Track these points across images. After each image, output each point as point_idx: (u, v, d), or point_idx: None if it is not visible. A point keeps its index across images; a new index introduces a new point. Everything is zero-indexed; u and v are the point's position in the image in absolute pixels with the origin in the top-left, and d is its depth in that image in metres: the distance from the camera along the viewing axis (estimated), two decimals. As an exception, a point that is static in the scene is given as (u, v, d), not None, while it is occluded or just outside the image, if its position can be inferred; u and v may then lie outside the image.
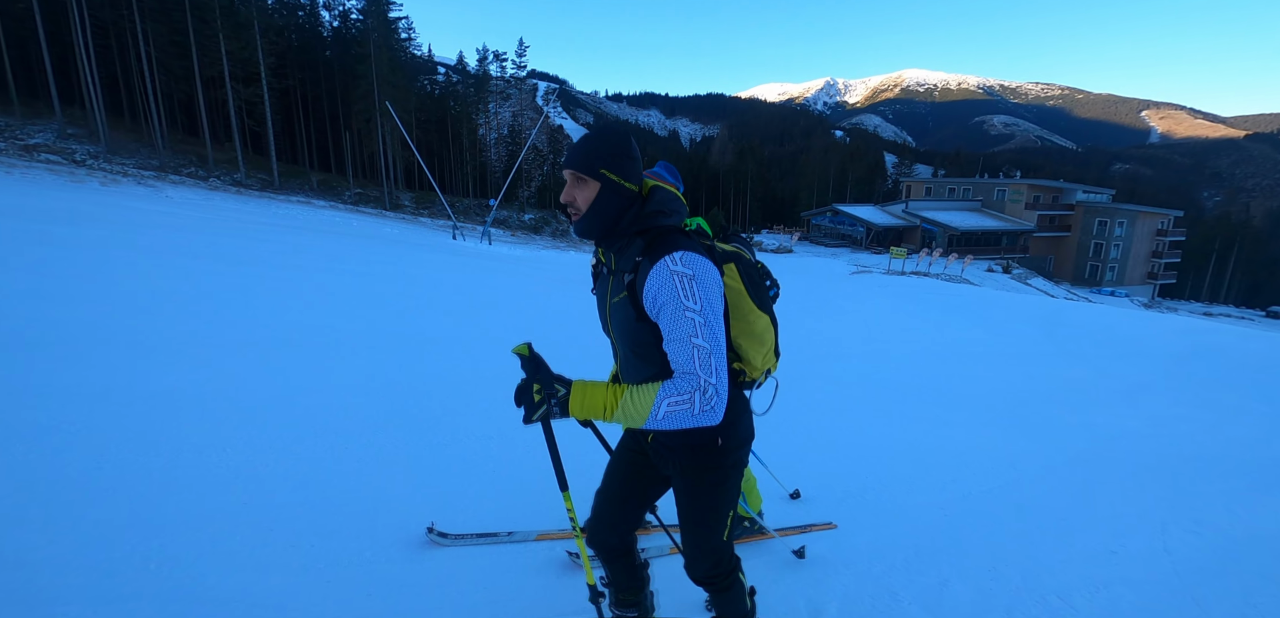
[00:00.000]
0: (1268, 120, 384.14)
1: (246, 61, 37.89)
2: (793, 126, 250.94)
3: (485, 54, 55.31)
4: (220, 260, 9.27)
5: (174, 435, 3.24)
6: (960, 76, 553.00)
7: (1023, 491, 4.14)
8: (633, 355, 1.68)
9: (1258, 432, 6.65)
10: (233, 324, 5.66)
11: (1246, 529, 3.79)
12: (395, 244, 17.69)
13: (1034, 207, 54.21)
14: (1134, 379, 9.21)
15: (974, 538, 3.34)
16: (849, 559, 2.98)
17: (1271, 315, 53.39)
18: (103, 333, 4.65)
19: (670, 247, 1.53)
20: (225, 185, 34.87)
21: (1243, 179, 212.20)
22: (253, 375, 4.36)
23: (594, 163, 1.57)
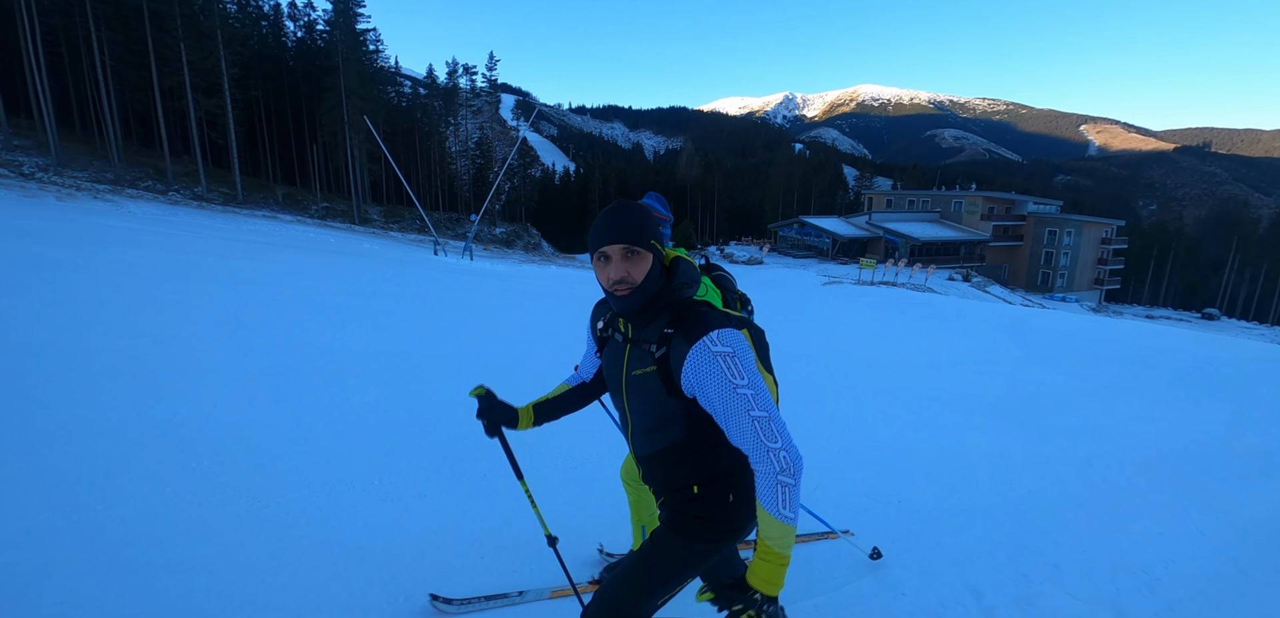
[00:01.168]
0: (1193, 134, 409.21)
1: (208, 72, 36.83)
2: (754, 139, 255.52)
3: (455, 67, 54.92)
4: (217, 280, 9.19)
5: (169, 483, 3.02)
6: (912, 92, 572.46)
7: (1059, 486, 4.60)
8: (651, 427, 1.67)
9: (1224, 427, 7.31)
10: (248, 349, 5.71)
11: (1251, 512, 4.32)
12: (384, 262, 17.55)
13: (989, 217, 56.69)
14: (1106, 381, 9.92)
15: (1039, 530, 3.77)
16: (932, 564, 3.30)
17: (1207, 316, 56.97)
18: (101, 366, 4.43)
19: (706, 325, 1.50)
20: (186, 199, 33.76)
21: (1174, 189, 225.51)
22: (263, 408, 4.21)
23: (647, 235, 1.55)
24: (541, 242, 53.09)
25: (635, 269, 1.54)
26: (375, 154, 45.92)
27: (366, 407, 4.51)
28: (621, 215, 1.55)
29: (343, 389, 4.82)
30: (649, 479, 1.80)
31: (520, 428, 1.96)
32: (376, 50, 47.47)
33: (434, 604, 2.48)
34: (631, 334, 1.66)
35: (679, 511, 1.72)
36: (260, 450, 3.48)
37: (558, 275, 21.93)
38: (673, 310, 1.59)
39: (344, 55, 40.74)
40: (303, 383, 4.82)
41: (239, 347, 5.59)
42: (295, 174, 48.57)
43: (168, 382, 4.29)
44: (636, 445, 1.76)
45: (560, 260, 41.40)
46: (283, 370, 5.13)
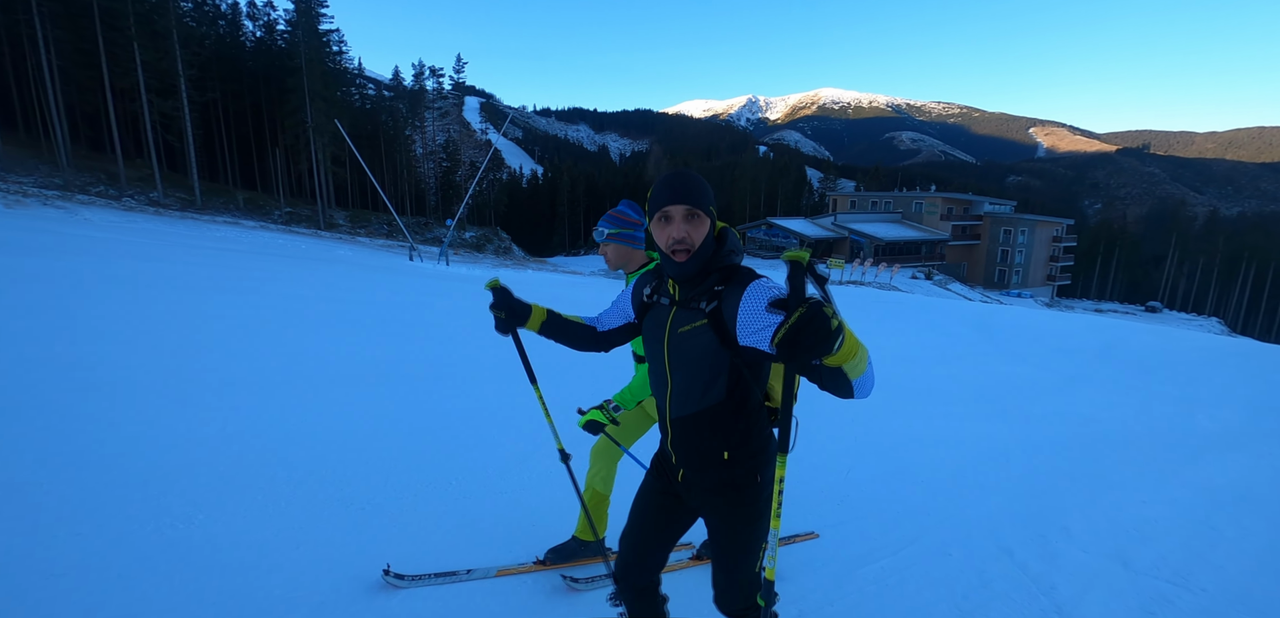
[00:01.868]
0: (1133, 136, 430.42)
1: (164, 73, 35.55)
2: (719, 142, 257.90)
3: (421, 69, 54.16)
4: (194, 289, 9.06)
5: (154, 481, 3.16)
6: (871, 95, 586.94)
7: (1048, 465, 5.03)
8: (692, 386, 1.75)
9: (1177, 411, 7.91)
10: (252, 359, 5.75)
11: (1213, 482, 4.82)
12: (360, 268, 17.34)
13: (948, 218, 58.73)
14: (1069, 372, 10.53)
15: (1043, 501, 4.21)
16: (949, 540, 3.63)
17: (1150, 309, 60.13)
18: (90, 379, 4.43)
19: (756, 275, 1.63)
20: (141, 205, 32.52)
21: (1116, 189, 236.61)
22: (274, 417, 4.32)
23: (707, 200, 1.66)
24: (512, 245, 52.77)
25: (695, 231, 1.64)
26: (340, 157, 45.05)
27: (365, 413, 4.61)
28: (685, 180, 1.66)
29: (325, 394, 4.90)
30: (678, 445, 1.84)
31: (529, 326, 2.09)
32: (340, 52, 46.52)
33: (387, 579, 2.64)
34: (679, 297, 1.75)
35: (714, 486, 1.81)
36: (235, 451, 3.67)
37: (535, 280, 21.95)
38: (722, 273, 1.69)
39: (307, 57, 39.82)
40: (287, 389, 4.88)
41: (223, 355, 5.62)
42: (256, 178, 47.21)
43: (149, 391, 4.36)
44: (674, 407, 1.81)
45: (533, 264, 41.30)
46: (268, 377, 5.20)
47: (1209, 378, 10.59)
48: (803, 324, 1.22)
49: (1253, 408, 8.43)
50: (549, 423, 2.41)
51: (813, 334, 1.21)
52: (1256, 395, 9.36)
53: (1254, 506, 4.47)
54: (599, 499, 2.91)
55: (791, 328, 1.23)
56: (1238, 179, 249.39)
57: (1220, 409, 8.17)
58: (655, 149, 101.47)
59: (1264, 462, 5.70)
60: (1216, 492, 4.68)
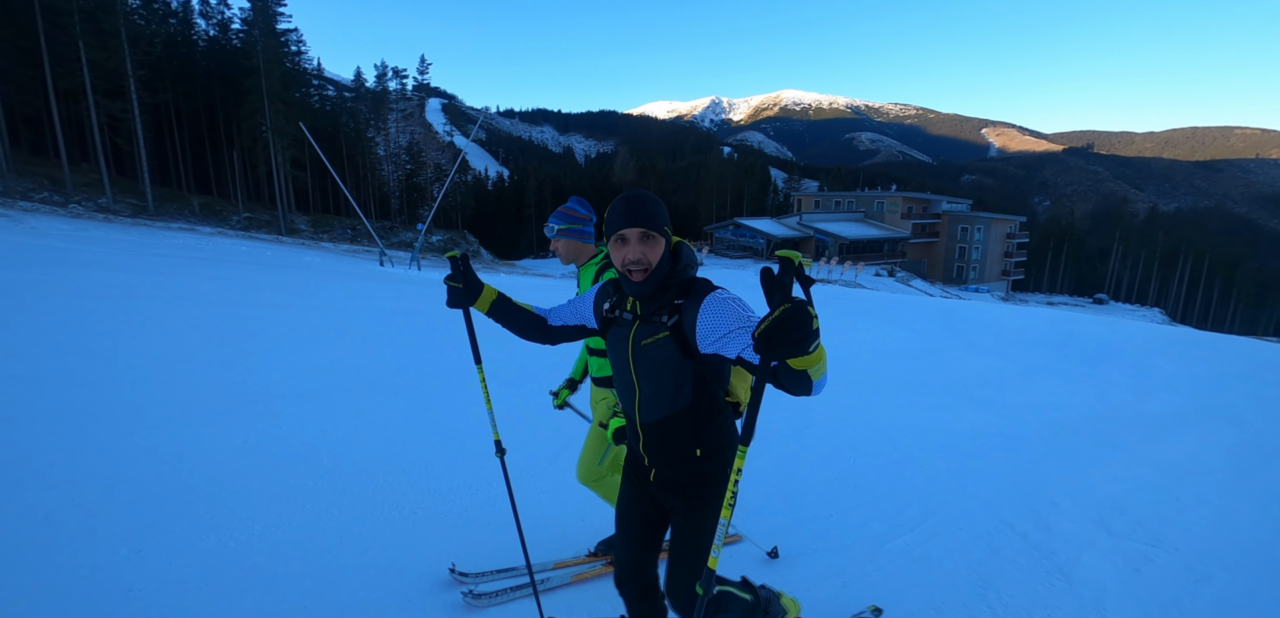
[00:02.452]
0: (1078, 136, 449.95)
1: (111, 73, 34.08)
2: (684, 142, 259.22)
3: (384, 70, 53.13)
4: (169, 300, 8.88)
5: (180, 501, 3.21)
6: (831, 97, 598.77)
7: (1025, 449, 5.43)
8: (660, 393, 1.82)
9: (1129, 397, 8.48)
10: (230, 368, 5.74)
11: (1169, 459, 5.28)
12: (333, 275, 17.04)
13: (908, 216, 60.54)
14: (1030, 363, 11.11)
15: (1028, 480, 4.58)
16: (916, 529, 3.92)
17: (1097, 301, 63.14)
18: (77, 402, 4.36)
19: (712, 286, 1.72)
20: (89, 212, 31.18)
21: (1064, 187, 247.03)
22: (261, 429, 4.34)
23: (661, 221, 1.72)
24: (480, 249, 52.22)
25: (651, 252, 1.70)
26: (300, 160, 43.88)
27: (387, 419, 4.74)
28: (640, 203, 1.71)
29: (353, 404, 5.03)
30: (650, 447, 1.91)
31: (478, 306, 2.09)
32: (299, 52, 45.33)
33: (454, 576, 2.77)
34: (640, 312, 1.81)
35: (686, 481, 1.89)
36: (285, 464, 3.79)
37: (509, 284, 21.89)
38: (679, 287, 1.76)
39: (265, 57, 38.68)
40: (308, 400, 4.96)
41: (222, 366, 5.60)
42: (211, 183, 45.62)
43: (170, 403, 4.37)
44: (642, 414, 1.88)
45: (502, 268, 41.03)
46: (278, 388, 5.22)
47: (1156, 366, 11.30)
48: (785, 319, 1.24)
49: (1195, 391, 9.09)
50: (488, 410, 2.40)
51: (793, 331, 1.24)
52: (1197, 380, 10.06)
53: (1206, 477, 4.93)
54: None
55: (774, 322, 1.25)
56: (1174, 177, 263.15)
57: (1167, 393, 8.79)
58: (621, 151, 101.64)
59: (1210, 439, 6.21)
60: (1174, 466, 5.13)
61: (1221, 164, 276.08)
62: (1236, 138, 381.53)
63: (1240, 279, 76.08)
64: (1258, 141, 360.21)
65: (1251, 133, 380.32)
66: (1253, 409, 7.99)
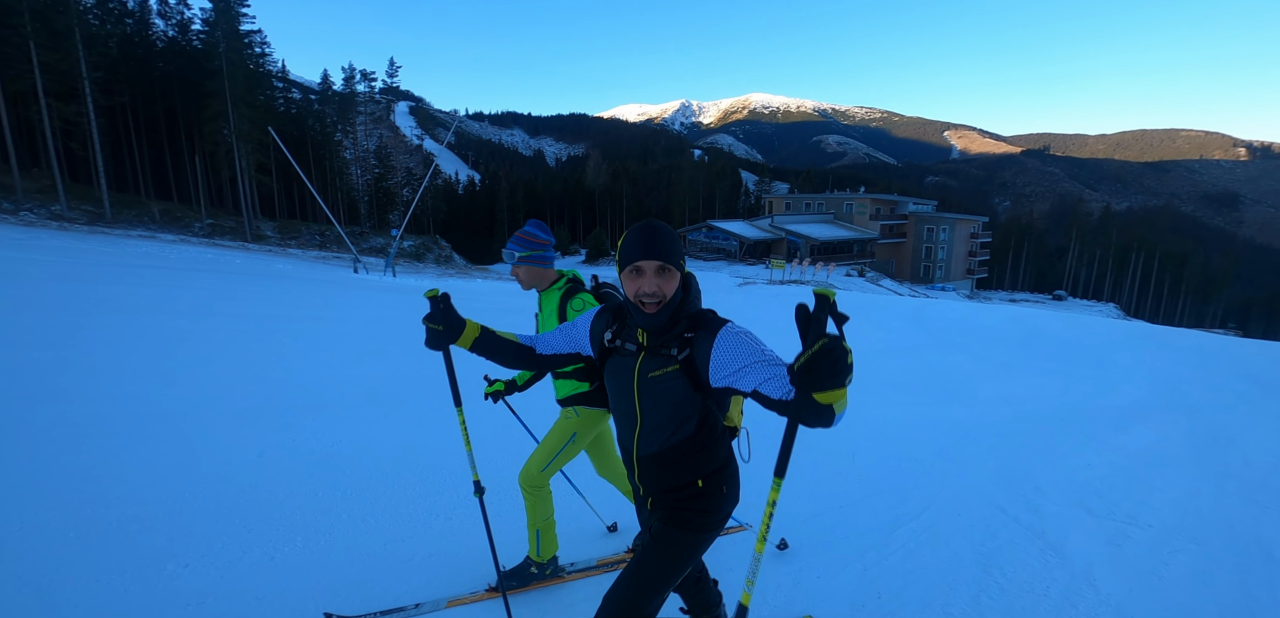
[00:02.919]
0: (1035, 139, 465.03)
1: (65, 75, 32.81)
2: (655, 145, 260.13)
3: (352, 73, 52.20)
4: (173, 315, 8.71)
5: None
6: (799, 100, 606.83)
7: (1006, 441, 5.73)
8: (663, 425, 1.80)
9: (1092, 389, 8.91)
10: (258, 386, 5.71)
11: (1133, 446, 5.63)
12: (307, 283, 16.77)
13: (876, 217, 61.93)
14: (1000, 359, 11.56)
15: (1014, 468, 4.88)
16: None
17: (1057, 298, 65.48)
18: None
19: (723, 321, 1.71)
20: (42, 219, 29.99)
21: (1023, 187, 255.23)
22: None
23: (678, 255, 1.70)
24: (453, 254, 51.66)
25: (666, 285, 1.68)
26: (265, 165, 42.83)
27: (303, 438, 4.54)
28: (658, 235, 1.68)
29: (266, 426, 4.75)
30: (646, 477, 1.89)
31: (460, 343, 1.99)
32: (263, 54, 44.26)
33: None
34: (646, 343, 1.78)
35: (681, 506, 1.85)
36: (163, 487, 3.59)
37: (485, 289, 21.82)
38: (690, 320, 1.75)
39: (228, 59, 37.66)
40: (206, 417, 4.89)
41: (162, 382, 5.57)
42: (172, 188, 44.20)
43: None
44: (642, 446, 1.86)
45: (476, 273, 40.66)
46: (260, 402, 5.22)
47: (1115, 360, 11.87)
48: (823, 354, 1.26)
49: (1152, 383, 9.60)
50: (468, 451, 2.37)
51: (831, 366, 1.25)
52: (1154, 372, 10.60)
53: (1169, 462, 5.28)
54: (547, 521, 2.92)
55: (812, 356, 1.27)
56: (1125, 177, 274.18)
57: (1127, 386, 9.27)
58: (594, 154, 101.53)
59: (1169, 428, 6.61)
60: (1139, 453, 5.49)
61: (1169, 165, 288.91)
62: (1182, 139, 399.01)
63: (1188, 274, 79.76)
64: (1201, 143, 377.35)
65: (1196, 135, 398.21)
66: (1205, 398, 8.49)
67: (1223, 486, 4.76)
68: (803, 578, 3.10)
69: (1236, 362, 11.99)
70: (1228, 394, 8.83)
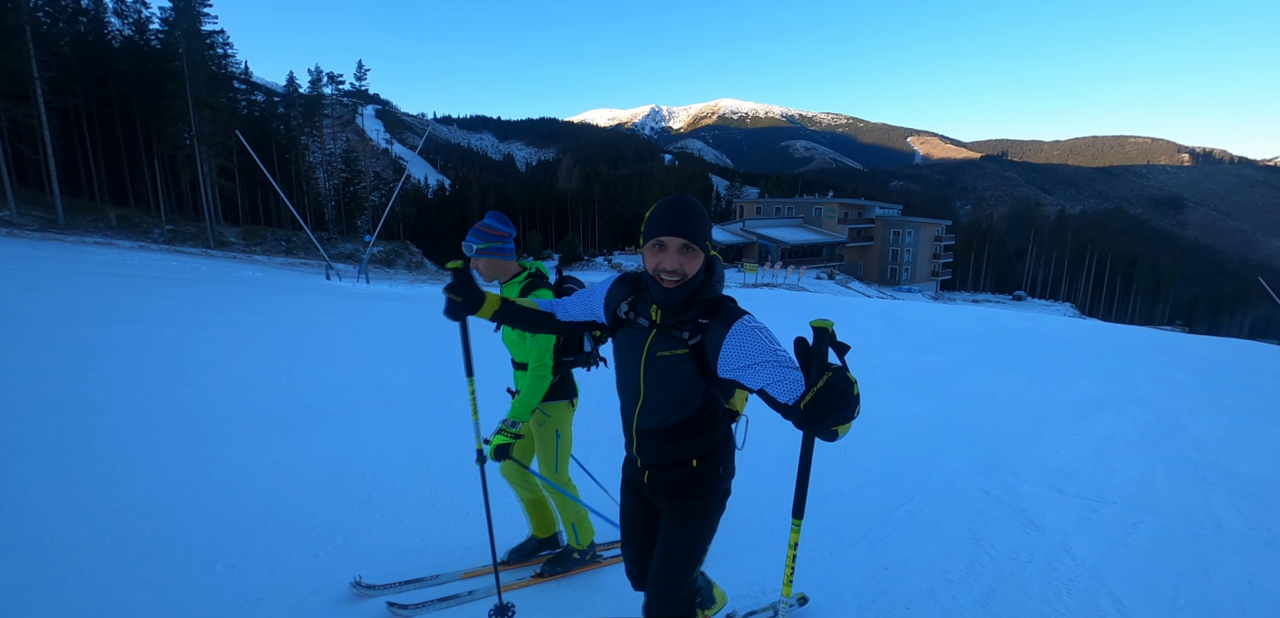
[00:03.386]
0: (994, 145, 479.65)
1: (16, 75, 31.53)
2: (625, 150, 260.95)
3: (318, 75, 51.20)
4: (145, 323, 8.56)
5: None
6: (767, 106, 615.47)
7: (980, 432, 6.10)
8: (665, 403, 1.81)
9: (1054, 385, 9.38)
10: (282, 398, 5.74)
11: (1096, 435, 6.06)
12: (279, 291, 16.46)
13: (845, 221, 63.31)
14: (966, 357, 12.04)
15: (990, 457, 5.24)
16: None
17: (1016, 298, 67.78)
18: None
19: (740, 311, 1.67)
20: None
21: (983, 191, 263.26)
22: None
23: (705, 235, 1.67)
24: (423, 260, 51.00)
25: (689, 264, 1.65)
26: (227, 169, 41.74)
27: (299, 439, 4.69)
28: (686, 211, 1.65)
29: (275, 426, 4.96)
30: (644, 451, 1.91)
31: (481, 313, 2.00)
32: (226, 55, 43.16)
33: (356, 589, 2.72)
34: (660, 320, 1.76)
35: (678, 487, 1.89)
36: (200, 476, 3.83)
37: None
38: (706, 304, 1.72)
39: (189, 60, 36.63)
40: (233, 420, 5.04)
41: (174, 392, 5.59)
42: (129, 193, 42.75)
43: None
44: (641, 420, 1.86)
45: (447, 277, 40.26)
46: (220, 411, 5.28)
47: (1073, 356, 12.49)
48: (829, 389, 1.26)
49: (1108, 378, 10.16)
50: (474, 420, 2.52)
51: (837, 400, 1.25)
52: (1109, 368, 11.20)
53: (1127, 447, 5.73)
54: (540, 503, 3.12)
55: (819, 393, 1.26)
56: (1078, 181, 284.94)
57: (1085, 380, 9.81)
58: (566, 159, 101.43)
59: (1126, 419, 7.08)
60: (1099, 441, 5.92)
61: (1119, 170, 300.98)
62: (1130, 145, 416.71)
63: (1139, 274, 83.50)
64: (1148, 149, 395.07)
65: (1143, 141, 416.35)
66: (1156, 390, 9.05)
67: (1176, 467, 5.21)
68: (815, 556, 3.41)
69: (1183, 356, 12.75)
70: (1176, 386, 9.42)
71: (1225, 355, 13.26)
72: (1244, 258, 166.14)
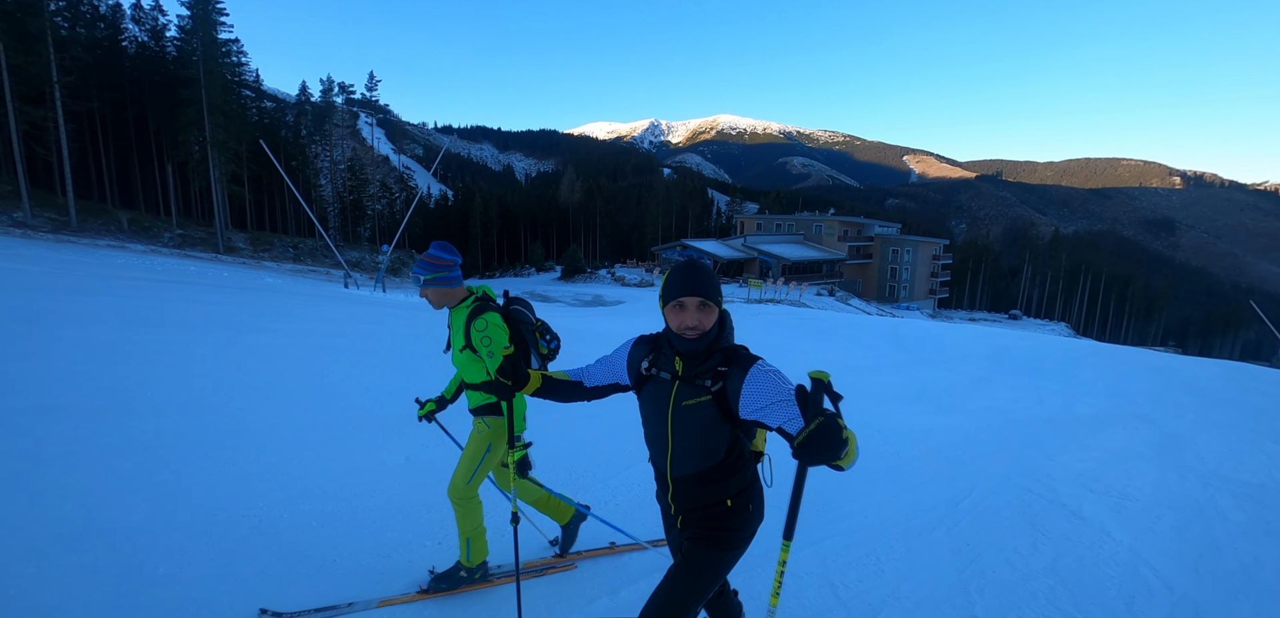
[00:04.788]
0: (989, 165, 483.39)
1: (34, 78, 31.99)
2: (624, 163, 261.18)
3: (330, 84, 51.77)
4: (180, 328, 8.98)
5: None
6: (765, 122, 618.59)
7: (1004, 444, 6.66)
8: (694, 451, 1.96)
9: (1062, 402, 9.91)
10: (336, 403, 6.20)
11: (1106, 448, 6.61)
12: (300, 298, 16.90)
13: (844, 238, 64.12)
14: (975, 374, 12.55)
15: (1017, 461, 5.82)
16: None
17: (1012, 317, 68.62)
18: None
19: (755, 358, 1.89)
20: (5, 227, 29.11)
21: (978, 211, 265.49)
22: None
23: (717, 293, 1.89)
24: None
25: (706, 319, 1.87)
26: (237, 176, 42.20)
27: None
28: (700, 274, 1.88)
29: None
30: (678, 498, 2.05)
31: (527, 391, 2.25)
32: (240, 63, 43.71)
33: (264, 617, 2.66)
34: (682, 372, 1.95)
35: (710, 525, 2.01)
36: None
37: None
38: (723, 354, 1.93)
39: (206, 67, 37.17)
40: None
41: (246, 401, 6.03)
42: (139, 197, 43.11)
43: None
44: (674, 468, 2.02)
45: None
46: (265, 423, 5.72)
47: (1076, 375, 13.02)
48: (819, 431, 1.48)
49: (1111, 396, 10.69)
50: (511, 484, 2.67)
51: (826, 441, 1.47)
52: (1111, 387, 11.74)
53: (1139, 458, 6.31)
54: (547, 499, 3.27)
55: (810, 434, 1.49)
56: (1072, 202, 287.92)
57: (1090, 398, 10.35)
58: (568, 171, 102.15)
59: (1133, 433, 7.63)
60: (1115, 452, 6.51)
61: (1111, 191, 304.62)
62: (1123, 168, 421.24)
63: (1132, 295, 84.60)
64: (1140, 171, 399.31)
65: (1135, 164, 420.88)
66: (1156, 408, 9.59)
67: (1184, 475, 5.82)
68: (907, 536, 4.15)
69: (1180, 377, 13.31)
70: (1176, 405, 9.95)
71: (1219, 377, 13.81)
72: (1235, 280, 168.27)
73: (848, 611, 3.18)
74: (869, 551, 3.84)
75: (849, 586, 3.41)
